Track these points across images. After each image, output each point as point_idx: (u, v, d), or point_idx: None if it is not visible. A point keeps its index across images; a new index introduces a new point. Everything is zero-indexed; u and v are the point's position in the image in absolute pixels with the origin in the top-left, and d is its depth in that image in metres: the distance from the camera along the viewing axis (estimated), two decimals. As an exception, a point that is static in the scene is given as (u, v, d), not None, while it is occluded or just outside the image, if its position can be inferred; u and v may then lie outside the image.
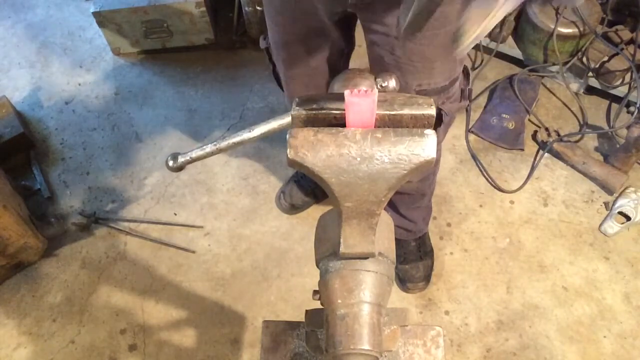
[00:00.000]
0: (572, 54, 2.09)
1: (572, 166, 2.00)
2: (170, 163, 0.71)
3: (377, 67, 1.17)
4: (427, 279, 1.75)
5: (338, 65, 1.33)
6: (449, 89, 1.17)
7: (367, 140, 0.54)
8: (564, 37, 2.02)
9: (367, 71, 0.65)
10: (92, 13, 2.21)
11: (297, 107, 0.57)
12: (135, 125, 2.20)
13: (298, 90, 1.38)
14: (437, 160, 1.43)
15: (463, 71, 1.22)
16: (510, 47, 2.22)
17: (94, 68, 2.40)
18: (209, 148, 0.69)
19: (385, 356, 0.81)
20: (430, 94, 1.15)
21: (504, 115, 2.11)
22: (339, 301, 0.61)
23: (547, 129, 2.06)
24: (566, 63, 2.09)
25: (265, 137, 0.66)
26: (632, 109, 2.03)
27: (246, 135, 0.67)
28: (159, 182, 2.03)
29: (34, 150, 2.11)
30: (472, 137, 2.11)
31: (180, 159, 0.71)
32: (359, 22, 1.19)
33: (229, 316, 1.74)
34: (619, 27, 2.01)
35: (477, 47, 2.28)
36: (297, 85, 1.37)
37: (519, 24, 2.17)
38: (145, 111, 2.24)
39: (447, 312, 1.73)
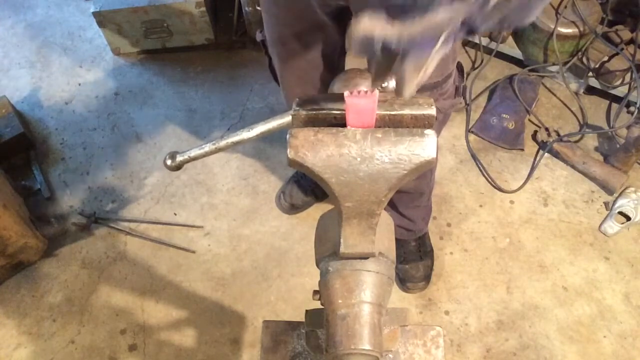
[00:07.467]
0: (572, 54, 2.09)
1: (572, 166, 2.00)
2: (169, 162, 0.71)
3: None
4: (427, 279, 1.75)
5: (333, 59, 1.32)
6: (442, 85, 1.17)
7: (368, 140, 0.54)
8: (564, 37, 2.02)
9: (367, 71, 0.64)
10: (92, 13, 2.21)
11: (297, 107, 0.57)
12: (135, 125, 2.20)
13: (293, 83, 1.37)
14: None
15: (457, 68, 1.21)
16: (510, 47, 2.22)
17: (94, 68, 2.40)
18: (207, 147, 0.69)
19: (386, 356, 0.81)
20: (423, 89, 1.14)
21: (504, 115, 2.11)
22: (340, 301, 0.61)
23: (547, 129, 2.05)
24: (566, 63, 2.09)
25: (265, 137, 0.66)
26: (632, 109, 2.03)
27: (245, 134, 0.67)
28: (159, 182, 2.03)
29: (34, 150, 2.11)
30: (472, 137, 2.11)
31: (179, 158, 0.71)
32: None
33: (229, 316, 1.74)
34: (619, 27, 2.01)
35: (477, 47, 2.28)
36: (292, 78, 1.37)
37: (519, 24, 2.17)
38: (145, 111, 2.24)
39: (447, 312, 1.73)
